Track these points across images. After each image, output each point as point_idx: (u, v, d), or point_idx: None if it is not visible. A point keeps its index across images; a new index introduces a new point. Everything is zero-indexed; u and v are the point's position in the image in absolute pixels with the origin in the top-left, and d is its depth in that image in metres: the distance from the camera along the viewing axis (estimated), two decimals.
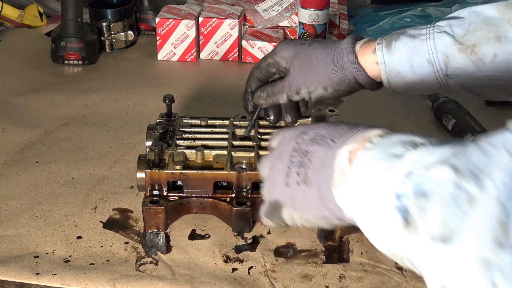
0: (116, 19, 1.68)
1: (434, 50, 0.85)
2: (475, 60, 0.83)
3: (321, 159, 0.67)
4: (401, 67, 0.88)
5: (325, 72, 0.92)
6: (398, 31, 0.90)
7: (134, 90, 1.50)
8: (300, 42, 0.95)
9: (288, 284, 0.95)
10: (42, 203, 1.11)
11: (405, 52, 0.88)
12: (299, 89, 0.94)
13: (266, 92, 0.98)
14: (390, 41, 0.89)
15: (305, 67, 0.93)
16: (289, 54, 0.94)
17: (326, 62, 0.91)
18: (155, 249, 1.01)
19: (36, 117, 1.38)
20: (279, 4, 1.72)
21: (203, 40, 1.64)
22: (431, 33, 0.86)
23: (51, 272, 0.95)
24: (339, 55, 0.91)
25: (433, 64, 0.86)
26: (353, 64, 0.90)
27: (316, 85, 0.93)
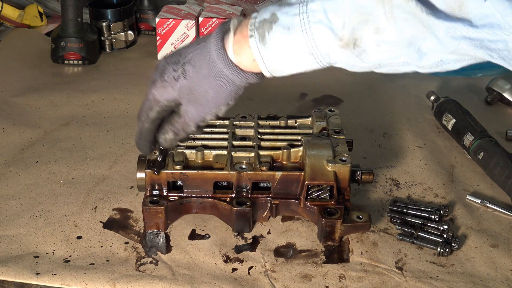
0: (116, 19, 1.68)
1: (314, 45, 0.79)
2: (358, 53, 0.78)
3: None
4: (281, 61, 0.82)
5: (219, 95, 0.86)
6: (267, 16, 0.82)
7: (134, 90, 1.50)
8: (173, 77, 0.87)
9: (288, 284, 0.95)
10: (42, 203, 1.11)
11: (282, 46, 0.80)
12: (203, 118, 0.89)
13: (172, 132, 0.92)
14: (262, 33, 0.81)
15: (197, 100, 0.87)
16: (172, 96, 0.88)
17: (215, 86, 0.85)
18: (155, 249, 1.01)
19: (36, 117, 1.38)
20: None
21: None
22: (306, 23, 0.78)
23: (51, 272, 0.95)
24: (221, 74, 0.85)
25: (315, 56, 0.80)
26: (240, 76, 0.84)
27: (217, 107, 0.88)
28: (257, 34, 0.82)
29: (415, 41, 0.75)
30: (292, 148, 1.06)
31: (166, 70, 0.88)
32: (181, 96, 0.88)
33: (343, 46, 0.78)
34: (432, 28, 0.72)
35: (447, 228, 1.04)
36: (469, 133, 1.23)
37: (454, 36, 0.72)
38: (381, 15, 0.75)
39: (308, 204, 1.02)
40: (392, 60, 0.78)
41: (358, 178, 1.07)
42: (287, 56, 0.81)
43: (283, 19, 0.80)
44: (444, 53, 0.74)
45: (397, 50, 0.77)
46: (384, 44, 0.77)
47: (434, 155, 1.26)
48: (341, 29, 0.77)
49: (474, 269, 0.98)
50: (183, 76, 0.87)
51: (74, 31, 1.59)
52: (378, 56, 0.78)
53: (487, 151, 1.18)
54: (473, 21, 0.70)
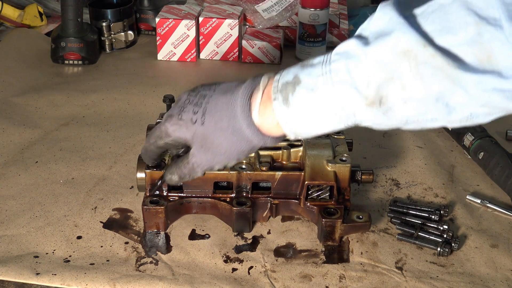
0: (116, 19, 1.68)
1: (339, 106, 0.76)
2: (384, 111, 0.75)
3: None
4: (306, 123, 0.79)
5: (232, 149, 0.84)
6: (290, 79, 0.79)
7: (134, 90, 1.50)
8: (191, 120, 0.86)
9: (288, 284, 0.95)
10: (42, 203, 1.11)
11: (307, 108, 0.78)
12: (212, 167, 0.88)
13: (178, 176, 0.91)
14: (286, 96, 0.79)
15: (209, 149, 0.86)
16: (185, 136, 0.87)
17: (231, 141, 0.84)
18: (155, 249, 1.01)
19: (36, 117, 1.38)
20: (279, 4, 1.72)
21: (203, 40, 1.64)
22: (330, 83, 0.75)
23: (51, 272, 0.95)
24: (240, 131, 0.83)
25: (341, 117, 0.77)
26: (259, 138, 0.83)
27: (228, 160, 0.87)
28: (280, 96, 0.79)
29: (443, 96, 0.72)
30: (292, 148, 1.06)
31: (186, 109, 0.86)
32: (194, 140, 0.86)
33: (368, 105, 0.75)
34: (461, 82, 0.70)
35: (447, 228, 1.04)
36: (469, 133, 1.23)
37: (484, 88, 0.69)
38: (407, 72, 0.72)
39: (308, 204, 1.02)
40: (420, 116, 0.75)
41: (358, 178, 1.07)
42: (311, 117, 0.79)
43: (306, 80, 0.78)
44: (475, 107, 0.72)
45: (424, 106, 0.74)
46: (411, 101, 0.74)
47: (434, 155, 1.26)
48: (366, 88, 0.74)
49: (474, 269, 0.98)
50: (201, 121, 0.85)
51: (74, 31, 1.59)
52: (405, 114, 0.75)
53: (487, 151, 1.18)
54: (503, 72, 0.69)
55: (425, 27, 0.72)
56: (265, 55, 1.62)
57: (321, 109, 0.78)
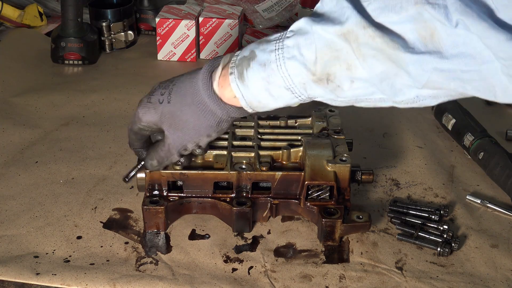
0: (116, 19, 1.68)
1: (289, 79, 0.80)
2: (333, 88, 0.79)
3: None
4: (260, 97, 0.84)
5: (200, 124, 0.89)
6: (246, 53, 0.84)
7: (134, 90, 1.50)
8: (158, 101, 0.91)
9: (288, 284, 0.95)
10: (42, 203, 1.11)
11: (260, 82, 0.82)
12: (185, 146, 0.92)
13: (156, 160, 0.96)
14: (241, 71, 0.84)
15: (177, 126, 0.90)
16: (154, 118, 0.91)
17: (195, 114, 0.88)
18: (155, 249, 1.01)
19: (36, 117, 1.38)
20: (279, 4, 1.72)
21: (203, 40, 1.64)
22: (281, 59, 0.80)
23: (51, 272, 0.95)
24: (203, 104, 0.88)
25: (293, 91, 0.81)
26: (221, 108, 0.87)
27: (198, 137, 0.91)
28: (236, 71, 0.84)
29: (386, 77, 0.75)
30: (292, 148, 1.06)
31: (155, 92, 0.92)
32: (163, 120, 0.91)
33: (316, 81, 0.79)
34: (401, 62, 0.72)
35: (447, 228, 1.04)
36: (469, 133, 1.23)
37: (424, 68, 0.71)
38: (350, 53, 0.75)
39: (308, 204, 1.02)
40: (368, 96, 0.79)
41: (358, 178, 1.07)
42: (265, 92, 0.83)
43: (260, 55, 0.82)
44: (418, 88, 0.74)
45: (371, 87, 0.77)
46: (357, 81, 0.77)
47: (434, 155, 1.26)
48: (313, 64, 0.78)
49: (474, 269, 0.98)
50: (167, 100, 0.90)
51: (74, 31, 1.59)
52: (353, 93, 0.79)
53: (487, 151, 1.18)
54: (444, 52, 0.69)
55: (368, 7, 0.74)
56: None
57: (273, 84, 0.82)
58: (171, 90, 0.91)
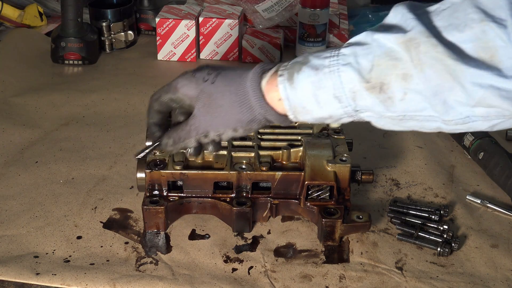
0: (116, 19, 1.68)
1: (340, 86, 0.78)
2: (384, 99, 0.77)
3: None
4: (306, 102, 0.81)
5: (232, 114, 0.86)
6: (300, 59, 0.83)
7: (134, 90, 1.50)
8: (203, 78, 0.88)
9: (288, 284, 0.95)
10: (42, 203, 1.11)
11: (309, 86, 0.80)
12: (207, 132, 0.88)
13: (173, 139, 0.91)
14: (292, 73, 0.82)
15: (210, 109, 0.87)
16: (192, 93, 0.88)
17: (233, 103, 0.85)
18: (155, 249, 1.01)
19: (36, 117, 1.38)
20: (279, 4, 1.72)
21: (203, 40, 1.63)
22: (335, 65, 0.78)
23: (51, 272, 0.95)
24: (245, 95, 0.85)
25: (340, 100, 0.79)
26: (261, 105, 0.84)
27: (224, 127, 0.87)
28: (286, 73, 0.82)
29: (441, 91, 0.73)
30: (292, 148, 1.06)
31: (202, 70, 0.89)
32: (199, 97, 0.88)
33: (368, 89, 0.77)
34: (459, 75, 0.71)
35: (447, 228, 1.04)
36: (469, 133, 1.23)
37: (480, 84, 0.70)
38: (409, 61, 0.74)
39: (308, 204, 1.02)
40: (418, 113, 0.77)
41: (358, 178, 1.07)
42: (312, 97, 0.81)
43: (314, 60, 0.81)
44: (470, 106, 0.73)
45: (423, 102, 0.75)
46: (410, 93, 0.75)
47: (434, 155, 1.26)
48: (369, 72, 0.76)
49: (474, 269, 0.98)
50: (211, 81, 0.87)
51: (74, 31, 1.59)
52: (403, 106, 0.77)
53: (487, 151, 1.18)
54: (503, 71, 0.69)
55: (434, 23, 0.74)
56: (265, 55, 1.62)
57: (322, 90, 0.79)
58: (219, 73, 0.88)
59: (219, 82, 0.87)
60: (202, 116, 0.88)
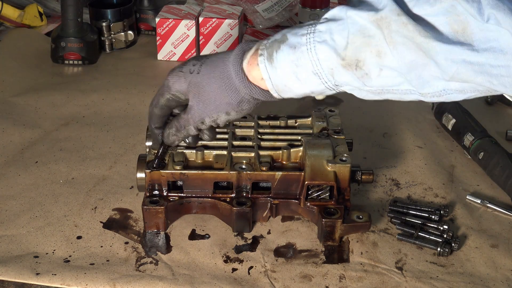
0: (116, 19, 1.68)
1: (317, 63, 0.81)
2: (360, 76, 0.79)
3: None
4: (287, 80, 0.84)
5: (221, 98, 0.90)
6: (278, 37, 0.85)
7: (134, 90, 1.50)
8: (189, 70, 0.92)
9: (288, 284, 0.95)
10: (42, 203, 1.11)
11: (288, 65, 0.83)
12: (202, 119, 0.93)
13: (175, 128, 0.96)
14: (271, 52, 0.84)
15: (200, 98, 0.91)
16: (183, 87, 0.92)
17: (219, 88, 0.89)
18: (155, 249, 1.01)
19: (36, 117, 1.38)
20: (279, 4, 1.72)
21: (203, 40, 1.64)
22: (312, 43, 0.80)
23: (51, 272, 0.95)
24: (228, 78, 0.88)
25: (320, 76, 0.82)
26: (245, 85, 0.87)
27: (217, 112, 0.91)
28: (266, 52, 0.85)
29: (415, 67, 0.75)
30: (292, 148, 1.06)
31: (188, 63, 0.93)
32: (190, 89, 0.92)
33: (345, 66, 0.79)
34: (431, 52, 0.73)
35: (447, 228, 1.04)
36: (469, 133, 1.23)
37: (453, 59, 0.72)
38: (381, 39, 0.76)
39: (308, 204, 1.02)
40: (395, 87, 0.79)
41: (358, 178, 1.07)
42: (292, 75, 0.83)
43: (291, 39, 0.83)
44: (445, 80, 0.75)
45: (398, 77, 0.78)
46: (386, 69, 0.77)
47: (434, 155, 1.26)
48: (344, 49, 0.79)
49: (474, 269, 0.98)
50: (197, 71, 0.91)
51: (74, 31, 1.59)
52: (380, 82, 0.79)
53: (487, 151, 1.18)
54: (475, 45, 0.71)
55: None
56: None
57: (301, 68, 0.82)
58: (203, 62, 0.92)
59: (204, 71, 0.91)
60: (196, 105, 0.92)
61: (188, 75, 0.92)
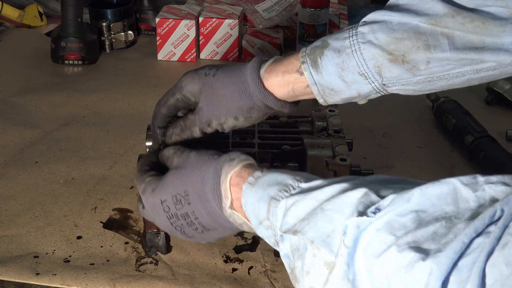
0: (116, 19, 1.68)
1: (363, 63, 0.82)
2: (408, 68, 0.80)
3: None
4: (334, 84, 0.84)
5: (233, 102, 0.89)
6: (318, 44, 0.85)
7: (134, 90, 1.50)
8: (205, 73, 0.92)
9: (288, 284, 0.95)
10: (42, 203, 1.11)
11: (334, 69, 0.83)
12: (210, 121, 0.92)
13: (180, 127, 0.95)
14: (314, 59, 0.84)
15: (212, 99, 0.91)
16: (195, 88, 0.92)
17: (233, 92, 0.89)
18: (155, 249, 1.01)
19: (36, 117, 1.38)
20: (279, 4, 1.72)
21: (203, 40, 1.64)
22: (356, 44, 0.82)
23: (51, 272, 0.95)
24: (244, 83, 0.88)
25: (367, 76, 0.82)
26: (260, 91, 0.87)
27: (226, 116, 0.90)
28: (309, 59, 0.85)
29: (470, 49, 0.77)
30: (292, 147, 1.06)
31: (204, 68, 0.94)
32: (202, 90, 0.91)
33: (392, 61, 0.80)
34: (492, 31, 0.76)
35: None
36: (469, 133, 1.23)
37: None
38: (434, 36, 0.78)
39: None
40: (445, 72, 0.80)
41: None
42: (339, 78, 0.84)
43: (333, 43, 0.84)
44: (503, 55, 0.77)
45: (448, 64, 0.79)
46: (433, 61, 0.79)
47: (434, 155, 1.26)
48: (388, 45, 0.80)
49: None
50: (213, 74, 0.91)
51: (74, 31, 1.59)
52: (428, 71, 0.80)
53: (487, 151, 1.18)
54: None
55: None
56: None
57: (347, 71, 0.83)
58: (219, 67, 0.92)
59: (220, 74, 0.90)
60: (205, 106, 0.91)
61: (203, 77, 0.92)
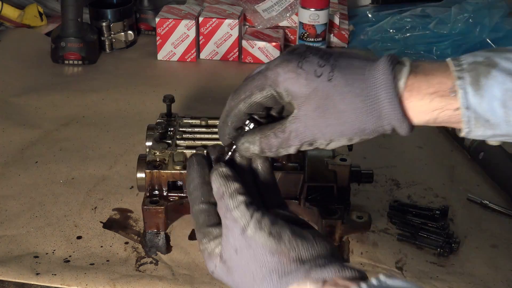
0: (116, 19, 1.68)
1: None
2: None
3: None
4: (492, 114, 0.65)
5: (355, 122, 0.67)
6: (480, 60, 0.66)
7: (134, 90, 1.50)
8: (315, 72, 0.67)
9: None
10: (42, 203, 1.11)
11: (499, 95, 0.64)
12: (313, 140, 0.69)
13: (259, 147, 0.71)
14: (477, 77, 0.65)
15: (325, 114, 0.67)
16: (301, 91, 0.67)
17: (358, 109, 0.66)
18: (155, 249, 1.01)
19: (36, 117, 1.38)
20: (279, 4, 1.72)
21: (203, 40, 1.63)
22: None
23: (51, 272, 0.95)
24: (376, 101, 0.66)
25: None
26: (397, 118, 0.66)
27: (339, 136, 0.68)
28: (469, 76, 0.65)
29: None
30: None
31: (309, 59, 0.68)
32: (311, 97, 0.67)
33: None
34: None
35: (447, 228, 1.04)
36: None
37: None
38: None
39: (308, 204, 1.02)
40: None
41: (358, 178, 1.07)
42: (501, 108, 0.65)
43: (503, 63, 0.65)
44: None
45: None
46: None
47: (434, 155, 1.26)
48: None
49: (474, 269, 0.98)
50: (327, 77, 0.67)
51: (74, 31, 1.59)
52: None
53: (487, 151, 1.18)
54: None
55: None
56: (265, 55, 1.62)
57: None
58: (334, 66, 0.67)
59: (338, 80, 0.67)
60: (312, 120, 0.68)
61: (314, 78, 0.67)
